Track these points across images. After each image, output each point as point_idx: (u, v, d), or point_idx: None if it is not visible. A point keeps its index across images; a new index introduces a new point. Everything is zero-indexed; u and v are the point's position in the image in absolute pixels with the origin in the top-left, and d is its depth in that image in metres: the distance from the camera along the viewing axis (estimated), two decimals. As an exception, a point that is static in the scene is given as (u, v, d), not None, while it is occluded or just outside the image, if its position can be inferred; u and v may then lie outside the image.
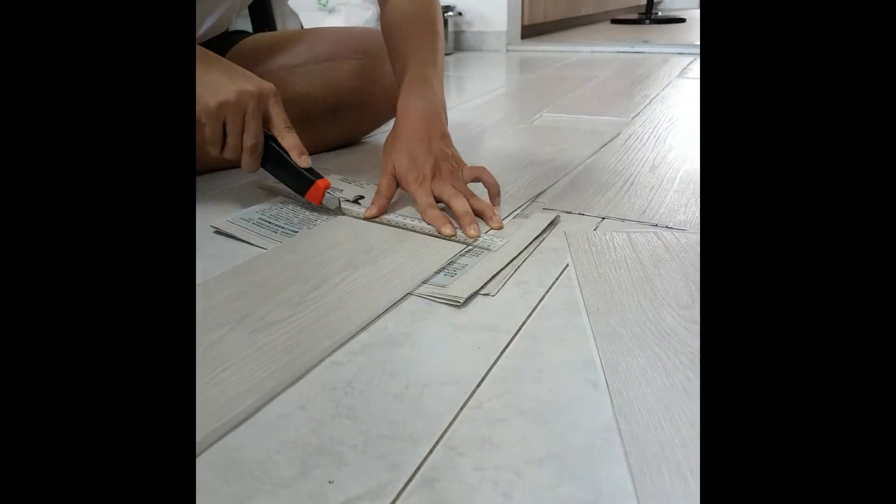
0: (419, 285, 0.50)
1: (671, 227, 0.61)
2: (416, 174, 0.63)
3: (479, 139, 0.98)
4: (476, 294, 0.49)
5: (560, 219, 0.64)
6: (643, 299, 0.47)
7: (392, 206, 0.66)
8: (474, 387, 0.38)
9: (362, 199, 0.70)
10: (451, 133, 0.67)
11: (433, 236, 0.59)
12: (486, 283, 0.50)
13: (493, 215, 0.61)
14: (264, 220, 0.64)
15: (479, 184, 0.66)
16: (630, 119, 1.08)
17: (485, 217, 0.61)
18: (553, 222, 0.62)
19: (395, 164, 0.64)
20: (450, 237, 0.59)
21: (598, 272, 0.51)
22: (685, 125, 1.02)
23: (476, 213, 0.61)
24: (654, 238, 0.57)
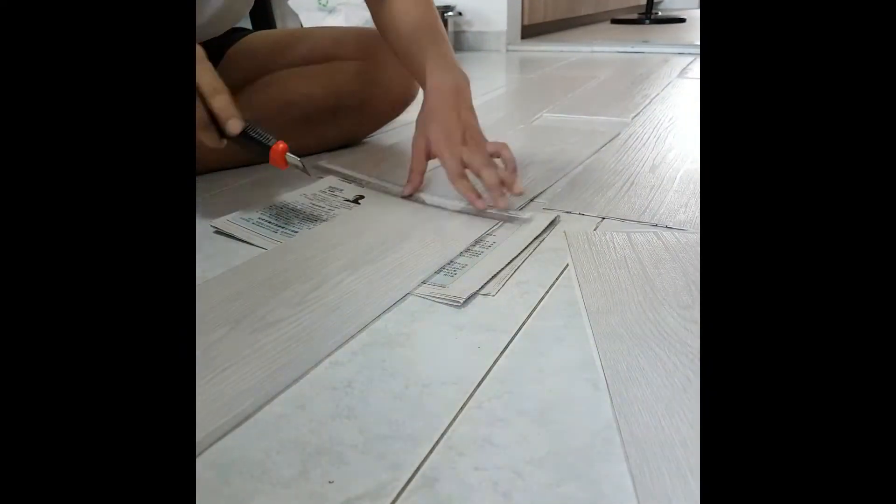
0: (419, 285, 0.50)
1: (671, 227, 0.61)
2: (448, 142, 0.64)
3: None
4: (476, 294, 0.49)
5: (560, 219, 0.64)
6: (643, 299, 0.47)
7: (424, 187, 0.69)
8: (474, 387, 0.38)
9: (362, 198, 0.70)
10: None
11: (462, 212, 0.62)
12: (485, 283, 0.50)
13: (514, 182, 0.64)
14: (264, 220, 0.64)
15: (498, 160, 0.68)
16: (630, 119, 1.08)
17: (508, 185, 0.63)
18: (553, 222, 0.62)
19: (429, 134, 0.66)
20: (481, 211, 0.62)
21: (598, 272, 0.51)
22: (685, 125, 1.02)
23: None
24: (654, 238, 0.57)
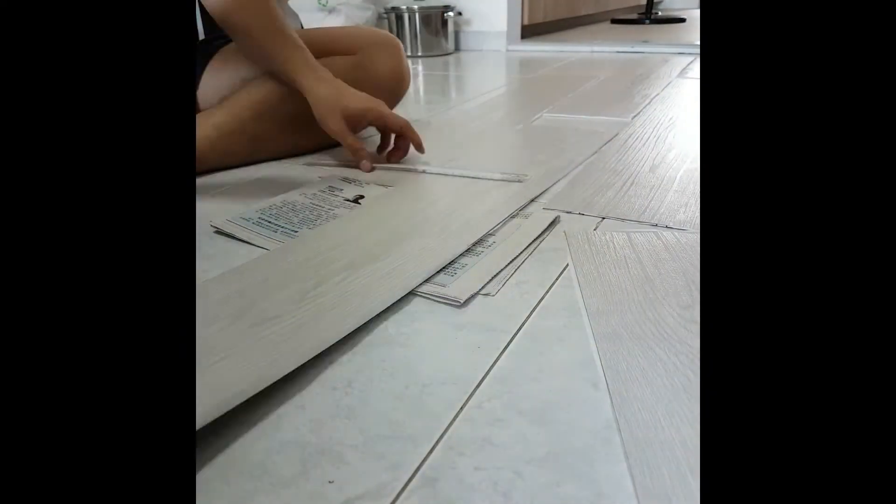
0: (420, 284, 0.50)
1: (671, 227, 0.61)
2: (369, 102, 0.80)
3: (479, 139, 0.98)
4: (476, 294, 0.49)
5: (560, 219, 0.64)
6: (643, 299, 0.47)
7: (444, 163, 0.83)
8: (474, 387, 0.38)
9: (362, 198, 0.70)
10: (450, 133, 0.67)
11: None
12: (486, 284, 0.50)
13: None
14: (264, 220, 0.64)
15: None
16: (630, 119, 1.08)
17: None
18: (553, 222, 0.62)
19: (348, 107, 0.78)
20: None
21: (598, 272, 0.51)
22: (685, 125, 1.02)
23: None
24: (654, 238, 0.57)
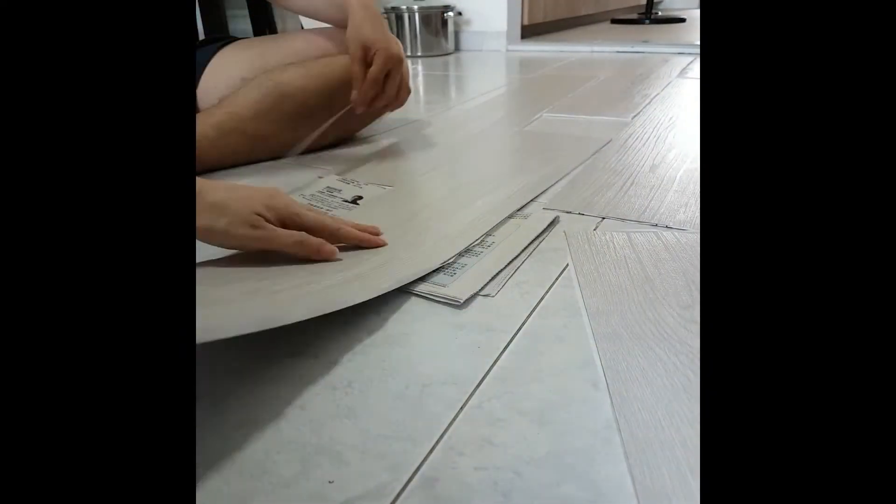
0: (418, 284, 0.50)
1: (671, 227, 0.61)
2: (386, 42, 0.80)
3: (478, 139, 0.98)
4: (476, 295, 0.49)
5: (559, 219, 0.64)
6: (643, 299, 0.47)
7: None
8: (474, 387, 0.38)
9: (360, 199, 0.70)
10: (450, 132, 0.67)
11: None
12: (486, 284, 0.50)
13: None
14: (264, 220, 0.64)
15: None
16: (630, 119, 1.08)
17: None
18: (553, 223, 0.62)
19: (365, 40, 0.79)
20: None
21: (598, 272, 0.51)
22: (685, 125, 1.02)
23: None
24: (654, 238, 0.57)
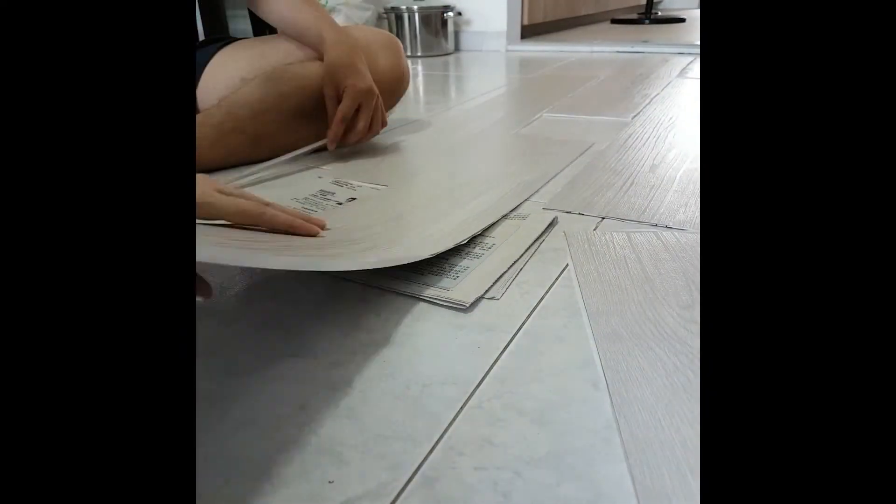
0: (422, 287, 0.50)
1: (671, 227, 0.61)
2: (356, 84, 0.83)
3: (478, 139, 0.98)
4: (481, 298, 0.49)
5: (558, 219, 0.64)
6: (643, 299, 0.47)
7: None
8: (474, 387, 0.38)
9: (354, 201, 0.70)
10: (449, 133, 0.67)
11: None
12: (490, 287, 0.50)
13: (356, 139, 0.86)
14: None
15: None
16: (630, 119, 1.08)
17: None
18: (552, 223, 0.62)
19: (340, 82, 0.82)
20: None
21: (598, 272, 0.51)
22: (685, 125, 1.02)
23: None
24: (654, 238, 0.57)
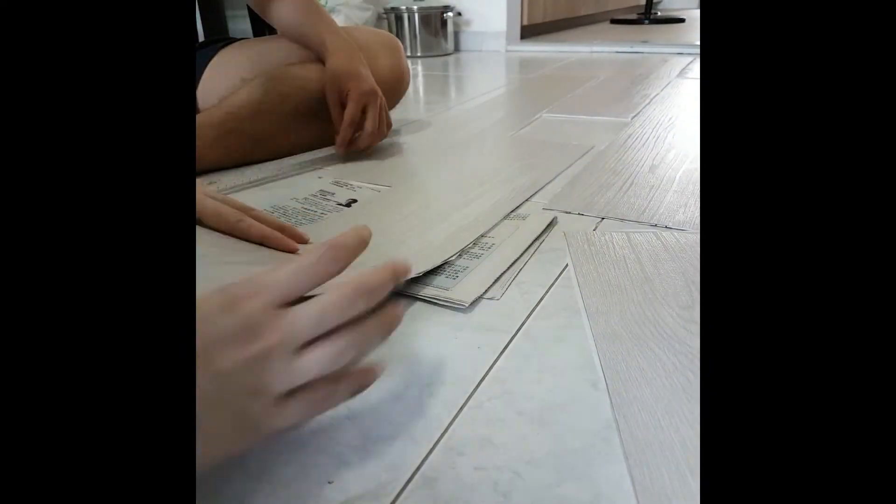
0: (422, 287, 0.50)
1: (671, 227, 0.61)
2: (358, 89, 0.83)
3: (478, 139, 0.98)
4: (481, 298, 0.49)
5: (558, 220, 0.64)
6: (642, 299, 0.47)
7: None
8: (474, 387, 0.38)
9: (355, 202, 0.70)
10: (449, 133, 0.67)
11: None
12: (489, 287, 0.50)
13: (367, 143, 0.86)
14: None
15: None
16: (629, 119, 1.08)
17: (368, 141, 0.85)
18: (551, 223, 0.62)
19: (343, 86, 0.83)
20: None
21: (598, 272, 0.51)
22: (685, 125, 1.02)
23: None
24: (654, 238, 0.57)
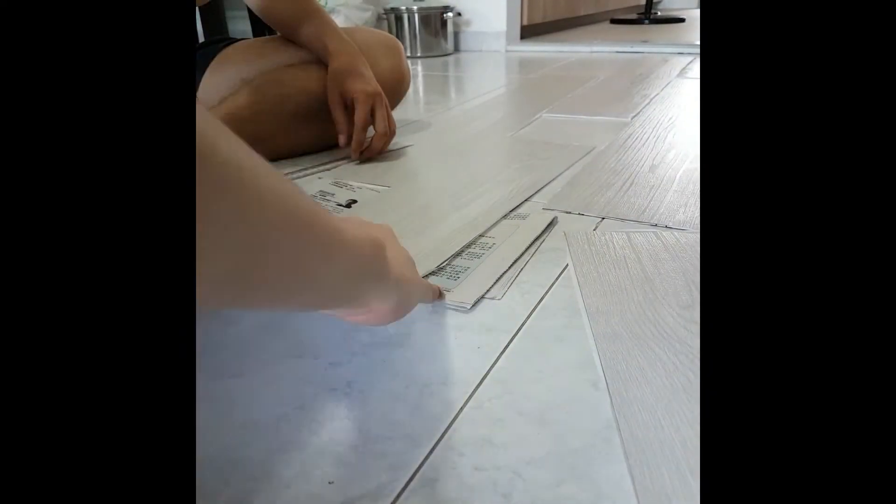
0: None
1: (671, 227, 0.61)
2: (363, 89, 0.84)
3: (477, 139, 0.98)
4: (482, 298, 0.49)
5: (558, 219, 0.64)
6: (643, 299, 0.47)
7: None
8: (474, 387, 0.38)
9: (354, 202, 0.70)
10: (449, 133, 0.67)
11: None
12: (490, 287, 0.50)
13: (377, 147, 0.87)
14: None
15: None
16: (629, 119, 1.08)
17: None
18: (551, 223, 0.62)
19: (346, 86, 0.84)
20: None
21: (598, 272, 0.51)
22: (685, 125, 1.02)
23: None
24: (654, 238, 0.57)
